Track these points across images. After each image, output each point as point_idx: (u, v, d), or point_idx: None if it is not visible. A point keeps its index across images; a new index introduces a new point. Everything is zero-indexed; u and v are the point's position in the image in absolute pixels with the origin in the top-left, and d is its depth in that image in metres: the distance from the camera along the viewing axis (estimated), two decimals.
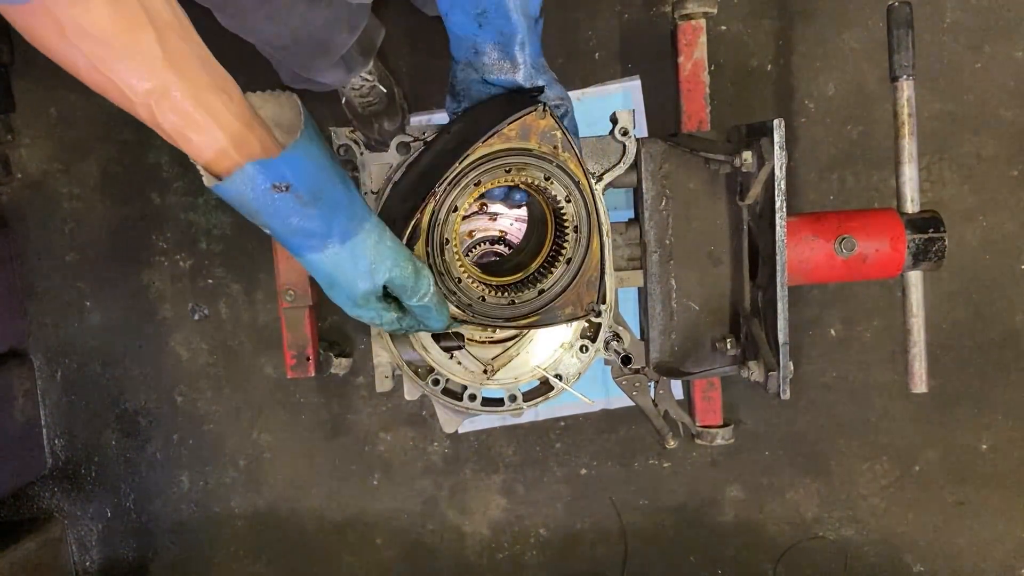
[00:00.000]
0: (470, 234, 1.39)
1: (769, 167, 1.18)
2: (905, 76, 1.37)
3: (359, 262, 0.93)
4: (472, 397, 1.27)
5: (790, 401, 1.85)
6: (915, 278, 1.40)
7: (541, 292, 1.07)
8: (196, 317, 1.90)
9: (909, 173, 1.37)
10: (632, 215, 1.42)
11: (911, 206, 1.38)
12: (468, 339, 1.27)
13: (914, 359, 1.40)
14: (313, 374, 1.58)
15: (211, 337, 1.91)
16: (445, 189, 1.00)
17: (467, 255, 1.29)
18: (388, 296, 1.00)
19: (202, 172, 0.83)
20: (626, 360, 1.30)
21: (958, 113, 1.82)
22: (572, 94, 1.78)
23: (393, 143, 1.28)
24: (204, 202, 1.88)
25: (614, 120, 1.27)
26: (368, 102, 1.73)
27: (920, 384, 1.41)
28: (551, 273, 1.08)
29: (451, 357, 1.27)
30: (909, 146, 1.37)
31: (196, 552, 1.98)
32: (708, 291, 1.34)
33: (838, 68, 1.81)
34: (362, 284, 0.94)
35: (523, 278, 1.12)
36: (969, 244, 1.84)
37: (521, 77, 1.04)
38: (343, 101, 1.76)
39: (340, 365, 1.75)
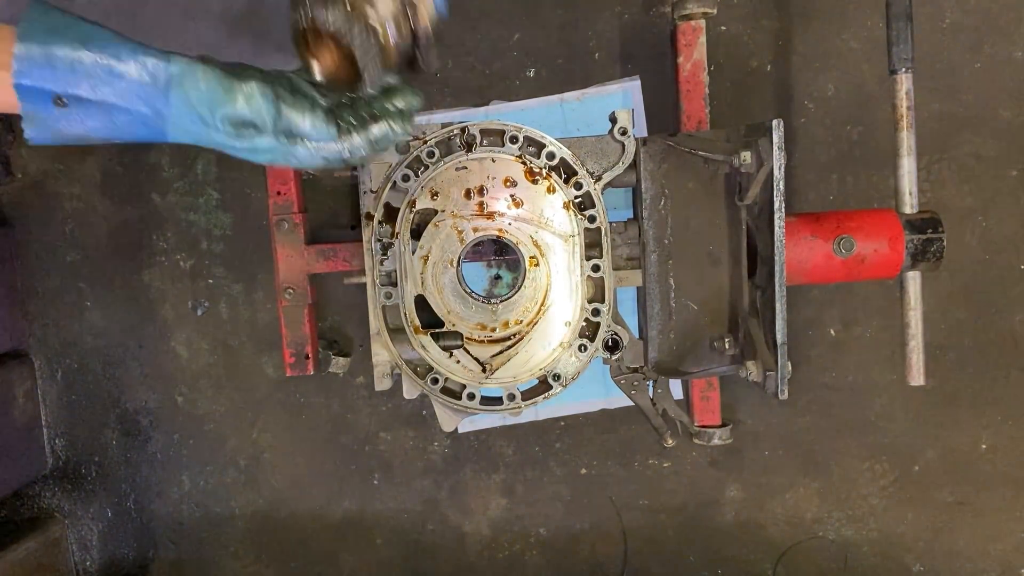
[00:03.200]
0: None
1: (768, 167, 1.18)
2: (904, 69, 1.37)
3: (193, 111, 0.82)
4: (471, 396, 1.28)
5: (789, 401, 1.85)
6: (914, 276, 1.40)
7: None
8: (199, 312, 1.91)
9: (908, 166, 1.37)
10: (631, 215, 1.42)
11: (910, 205, 1.38)
12: (467, 338, 1.28)
13: (912, 352, 1.40)
14: (312, 372, 1.59)
15: (211, 337, 1.92)
16: None
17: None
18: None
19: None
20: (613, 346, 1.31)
21: (958, 113, 1.82)
22: (572, 94, 1.80)
23: None
24: (204, 202, 1.88)
25: (613, 119, 1.28)
26: None
27: (918, 377, 1.41)
28: None
29: (450, 356, 1.27)
30: (908, 139, 1.37)
31: (196, 552, 1.99)
32: (707, 291, 1.34)
33: (838, 68, 1.81)
34: (214, 136, 0.83)
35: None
36: (969, 244, 1.84)
37: None
38: None
39: (338, 364, 1.76)
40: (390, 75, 0.88)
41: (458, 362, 1.27)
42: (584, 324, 1.28)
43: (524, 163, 1.25)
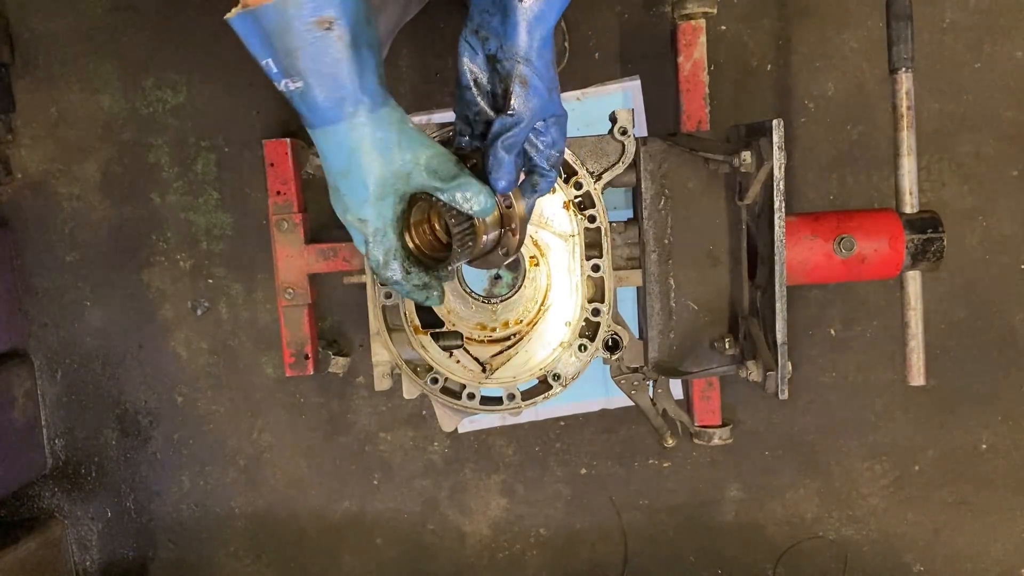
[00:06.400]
0: None
1: (768, 167, 1.18)
2: (904, 68, 1.37)
3: (386, 136, 0.80)
4: (471, 396, 1.28)
5: (790, 401, 1.85)
6: (914, 276, 1.40)
7: None
8: (199, 312, 1.91)
9: (908, 166, 1.37)
10: (631, 215, 1.42)
11: (910, 205, 1.38)
12: (467, 338, 1.27)
13: (912, 352, 1.40)
14: (311, 372, 1.59)
15: (211, 337, 1.92)
16: None
17: None
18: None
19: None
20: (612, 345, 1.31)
21: (958, 113, 1.82)
22: (572, 94, 1.79)
23: None
24: (204, 202, 1.88)
25: (613, 119, 1.28)
26: None
27: (918, 377, 1.41)
28: None
29: (450, 356, 1.27)
30: (908, 139, 1.37)
31: (196, 552, 1.99)
32: (707, 291, 1.34)
33: (838, 68, 1.81)
34: (387, 165, 0.81)
35: None
36: (969, 244, 1.84)
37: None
38: None
39: (338, 364, 1.75)
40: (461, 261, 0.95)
41: (458, 362, 1.27)
42: (584, 324, 1.28)
43: None
